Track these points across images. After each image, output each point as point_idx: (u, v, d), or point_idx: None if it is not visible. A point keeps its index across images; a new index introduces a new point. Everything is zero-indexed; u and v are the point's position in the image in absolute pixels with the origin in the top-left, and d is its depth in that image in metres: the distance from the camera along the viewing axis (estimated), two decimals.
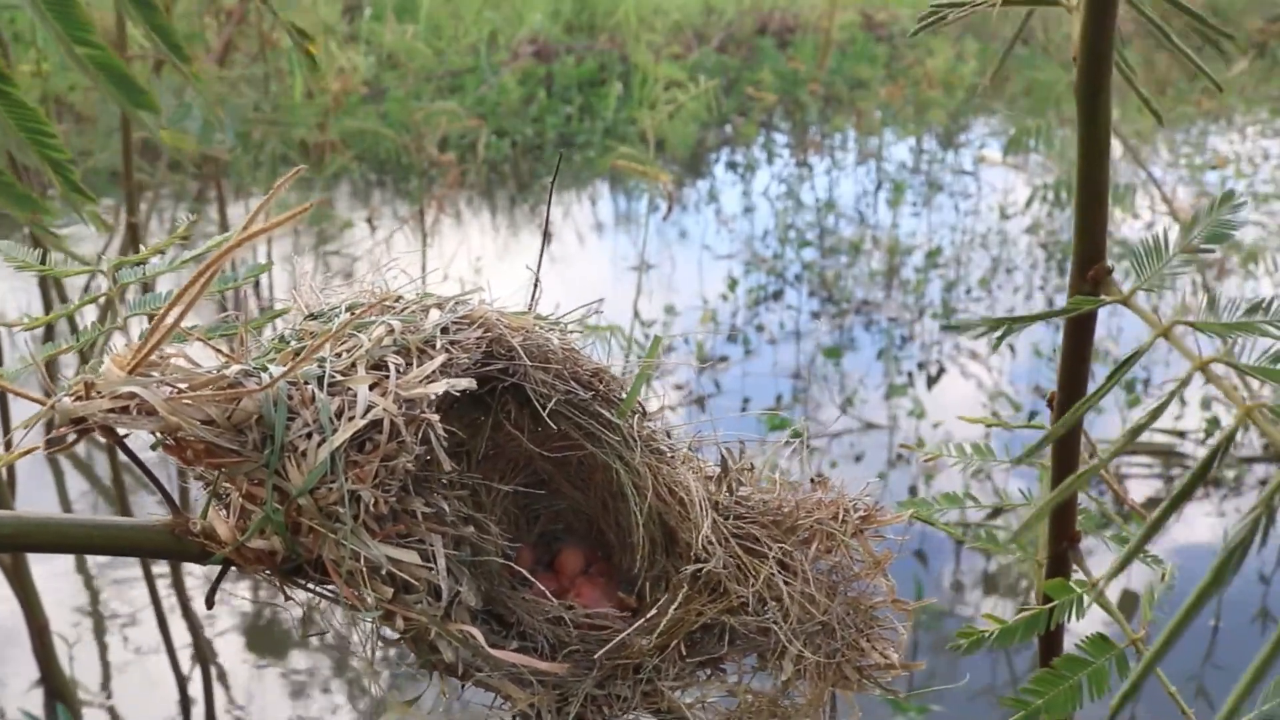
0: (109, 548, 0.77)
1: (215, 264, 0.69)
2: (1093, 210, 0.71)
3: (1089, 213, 0.71)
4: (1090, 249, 0.71)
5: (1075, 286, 0.73)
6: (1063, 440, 0.81)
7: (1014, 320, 0.67)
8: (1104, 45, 0.66)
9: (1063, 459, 0.82)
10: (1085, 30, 0.66)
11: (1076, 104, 0.69)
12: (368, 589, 0.74)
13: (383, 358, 0.78)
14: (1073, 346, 0.77)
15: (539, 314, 0.90)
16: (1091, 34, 0.66)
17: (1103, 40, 0.65)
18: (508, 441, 0.93)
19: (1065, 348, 0.78)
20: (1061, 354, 0.78)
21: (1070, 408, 0.70)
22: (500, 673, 0.78)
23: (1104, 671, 0.79)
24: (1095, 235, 0.71)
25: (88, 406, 0.70)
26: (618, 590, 0.93)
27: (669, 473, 0.87)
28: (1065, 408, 0.77)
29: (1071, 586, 0.84)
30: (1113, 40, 0.66)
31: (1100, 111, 0.68)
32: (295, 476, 0.73)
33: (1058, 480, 0.82)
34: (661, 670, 0.82)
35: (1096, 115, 0.68)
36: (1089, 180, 0.69)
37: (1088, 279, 0.72)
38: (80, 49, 0.63)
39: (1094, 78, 0.67)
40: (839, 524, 0.84)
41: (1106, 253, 0.71)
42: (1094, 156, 0.69)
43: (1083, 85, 0.68)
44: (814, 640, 0.82)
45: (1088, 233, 0.71)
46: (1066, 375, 0.78)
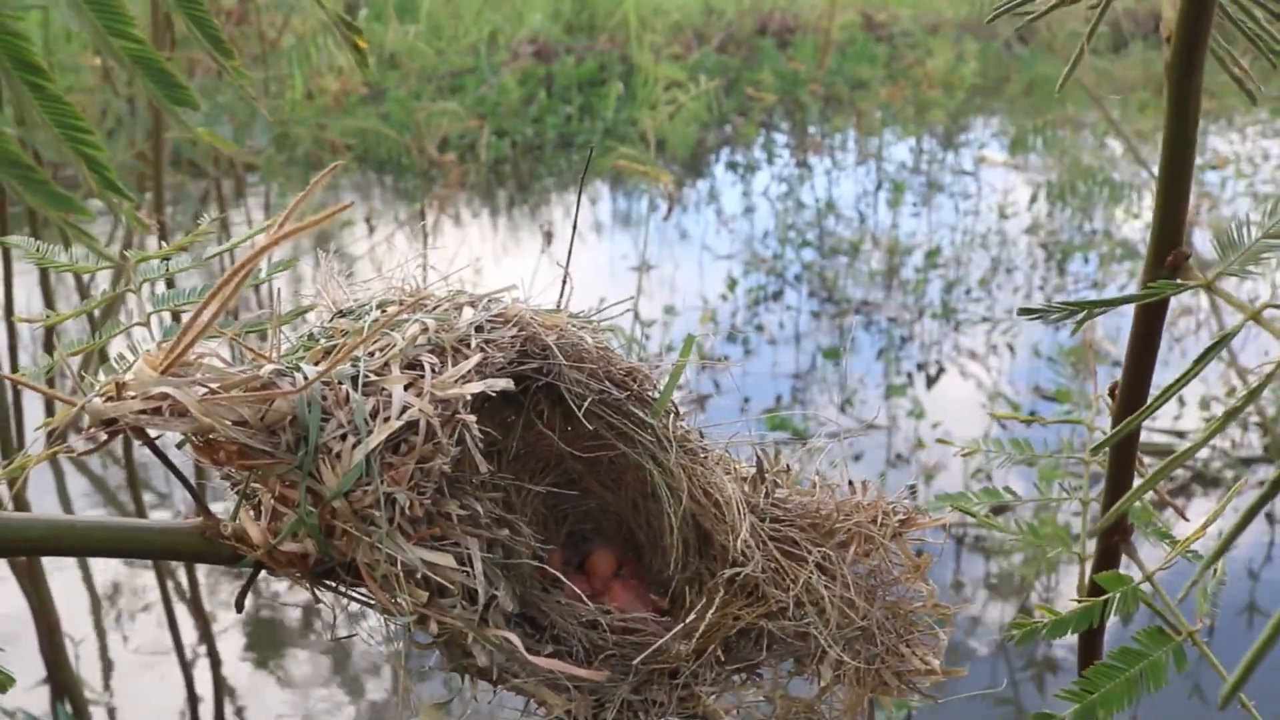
0: (139, 550, 0.75)
1: (250, 262, 0.68)
2: (1174, 196, 0.69)
3: (1170, 198, 0.69)
4: (1169, 234, 0.70)
5: (1152, 272, 0.71)
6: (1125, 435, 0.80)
7: (1093, 304, 0.65)
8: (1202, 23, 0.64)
9: (1122, 450, 0.80)
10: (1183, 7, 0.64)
11: (1167, 86, 0.67)
12: (403, 593, 0.73)
13: (417, 357, 0.77)
14: (1141, 335, 0.75)
15: (571, 312, 0.88)
16: (1189, 11, 0.64)
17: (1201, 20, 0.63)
18: (538, 440, 0.92)
19: (1134, 334, 0.76)
20: (1130, 341, 0.77)
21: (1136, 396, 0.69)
22: (536, 678, 0.77)
23: (1161, 664, 0.77)
24: (1175, 221, 0.69)
25: (119, 407, 0.68)
26: (650, 592, 0.92)
27: (704, 474, 0.85)
28: (1129, 396, 0.75)
29: (1125, 578, 0.83)
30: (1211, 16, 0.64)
31: (1193, 95, 0.66)
32: (330, 479, 0.71)
33: (1116, 472, 0.80)
34: (698, 675, 0.81)
35: (1188, 99, 0.66)
36: (1173, 165, 0.67)
37: (1166, 265, 0.70)
38: (118, 42, 0.61)
39: (1188, 58, 0.65)
40: (878, 527, 0.83)
41: (1183, 240, 0.70)
42: (1181, 140, 0.67)
43: (1176, 67, 0.66)
44: (853, 645, 0.81)
45: (1167, 218, 0.70)
46: (1133, 363, 0.76)
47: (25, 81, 0.64)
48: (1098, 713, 0.76)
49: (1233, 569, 3.64)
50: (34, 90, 0.62)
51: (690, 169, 8.38)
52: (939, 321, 5.60)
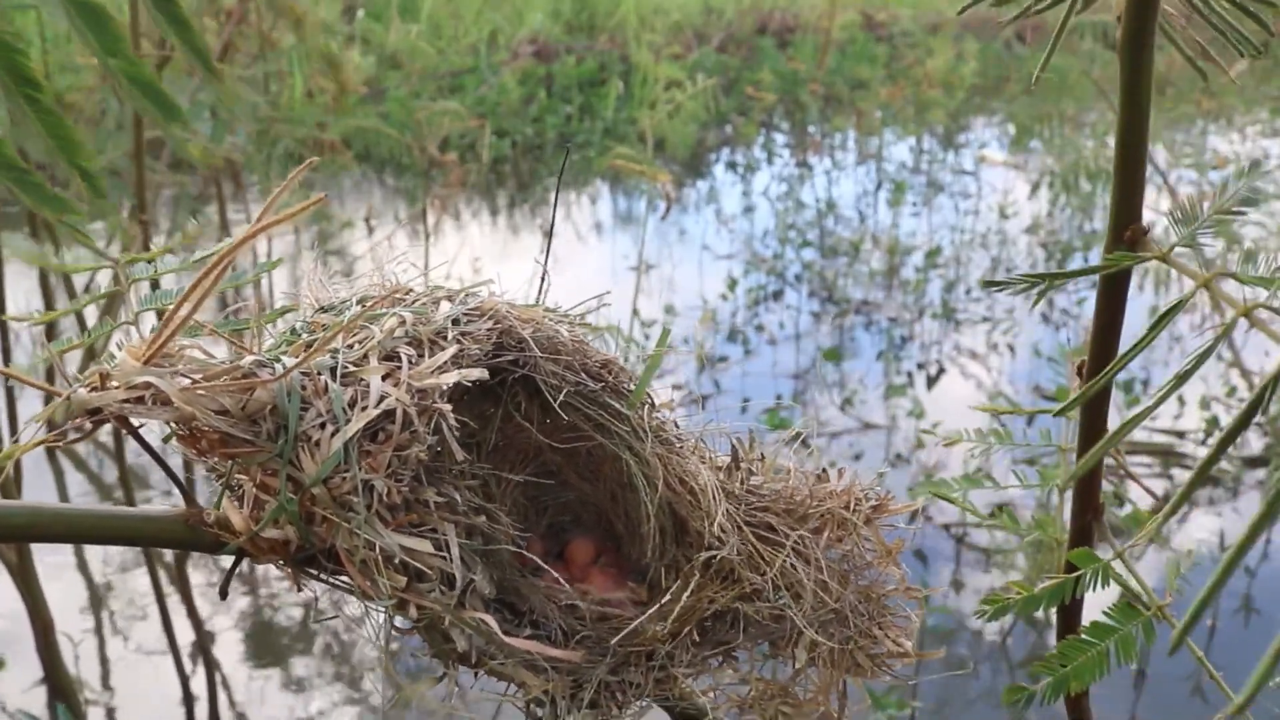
0: (123, 538, 0.77)
1: (228, 257, 0.70)
2: (1131, 171, 0.70)
3: (1127, 174, 0.71)
4: (1127, 210, 0.71)
5: (1112, 246, 0.73)
6: (1091, 406, 0.81)
7: (1053, 276, 0.67)
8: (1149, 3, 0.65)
9: (1091, 425, 0.82)
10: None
11: (1119, 60, 0.68)
12: (382, 578, 0.75)
13: (395, 348, 0.78)
14: (1106, 305, 0.77)
15: (548, 306, 0.90)
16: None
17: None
18: (517, 433, 0.93)
19: (1099, 306, 0.78)
20: (1095, 312, 0.78)
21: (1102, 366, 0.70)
22: (514, 660, 0.79)
23: (1131, 638, 0.79)
24: (1132, 196, 0.71)
25: (103, 397, 0.70)
26: (628, 581, 0.93)
27: (679, 463, 0.87)
28: (1097, 366, 0.77)
29: (1096, 555, 0.84)
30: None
31: (1143, 68, 0.68)
32: (309, 466, 0.73)
33: (1086, 444, 0.82)
34: (674, 657, 0.83)
35: (1139, 74, 0.68)
36: (1128, 140, 0.69)
37: (1125, 240, 0.72)
38: (113, 61, 0.63)
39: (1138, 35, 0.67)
40: (851, 513, 0.84)
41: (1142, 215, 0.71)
42: (1134, 116, 0.68)
43: (1127, 43, 0.68)
44: (827, 628, 0.83)
45: (1125, 194, 0.71)
46: (1098, 338, 0.78)
47: (22, 94, 0.66)
48: (1070, 685, 0.78)
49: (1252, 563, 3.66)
50: (30, 104, 0.64)
51: (690, 169, 8.40)
52: (939, 321, 5.61)
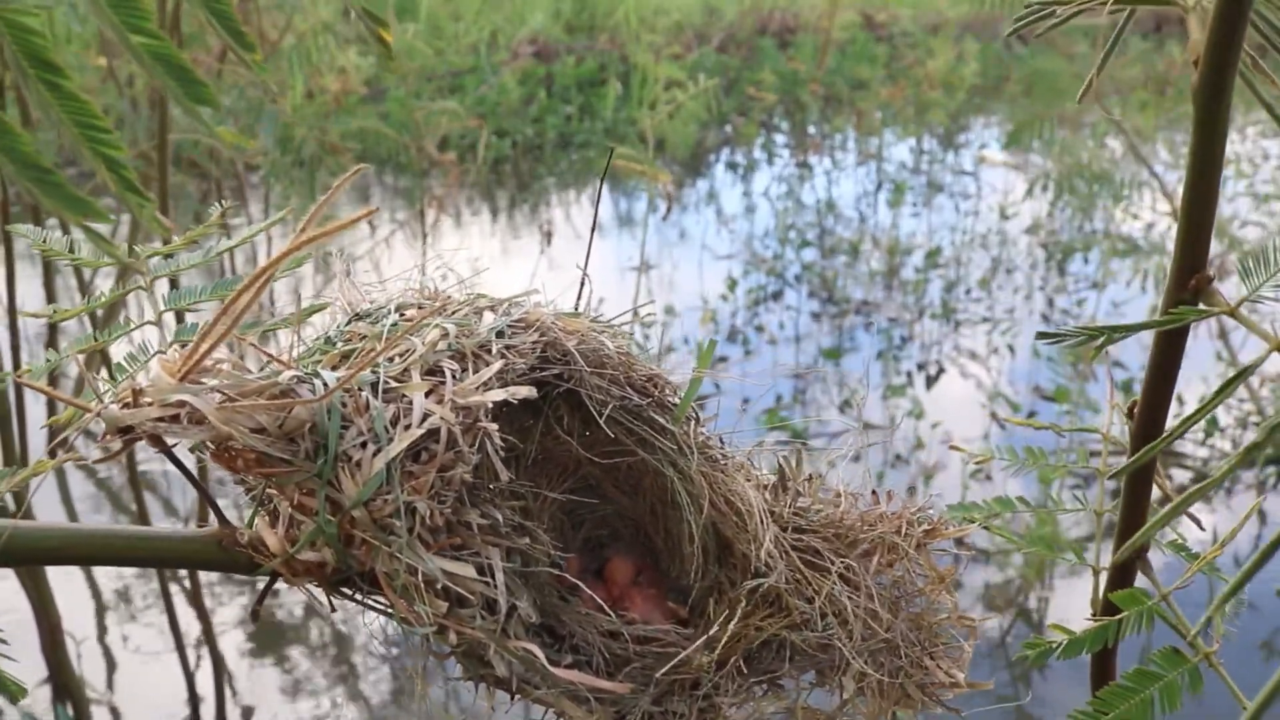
0: (157, 559, 0.74)
1: (271, 268, 0.67)
2: (1199, 219, 0.68)
3: (1194, 221, 0.68)
4: (1193, 257, 0.69)
5: (1174, 296, 0.70)
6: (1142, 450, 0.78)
7: (1113, 329, 0.64)
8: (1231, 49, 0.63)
9: (1140, 472, 0.79)
10: (1213, 32, 0.63)
11: (1194, 109, 0.66)
12: (423, 603, 0.72)
13: (437, 363, 0.75)
14: (1163, 357, 0.74)
15: (592, 316, 0.87)
16: (1218, 36, 0.63)
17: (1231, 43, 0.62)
18: (556, 446, 0.90)
19: (1154, 359, 0.75)
20: (1149, 365, 0.76)
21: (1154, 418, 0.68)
22: (557, 690, 0.76)
23: (1176, 686, 0.76)
24: (1199, 244, 0.68)
25: (136, 415, 0.67)
26: (668, 599, 0.90)
27: (725, 481, 0.84)
28: (1148, 417, 0.74)
29: (1140, 597, 0.82)
30: (1241, 42, 0.63)
31: (1220, 119, 0.65)
32: (349, 487, 0.70)
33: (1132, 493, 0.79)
34: (720, 687, 0.80)
35: (1215, 123, 0.65)
36: (1199, 188, 0.66)
37: (1188, 288, 0.69)
38: (136, 38, 0.60)
39: (1217, 82, 0.64)
40: (902, 537, 0.82)
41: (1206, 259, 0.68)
42: (1208, 163, 0.66)
43: (1203, 90, 0.65)
44: (877, 658, 0.80)
45: (1191, 241, 0.68)
46: (1152, 386, 0.75)
47: (42, 79, 0.62)
48: None
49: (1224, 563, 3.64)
50: (51, 89, 0.61)
51: (690, 169, 8.37)
52: (939, 321, 5.59)
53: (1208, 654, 0.79)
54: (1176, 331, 0.73)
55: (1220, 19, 0.61)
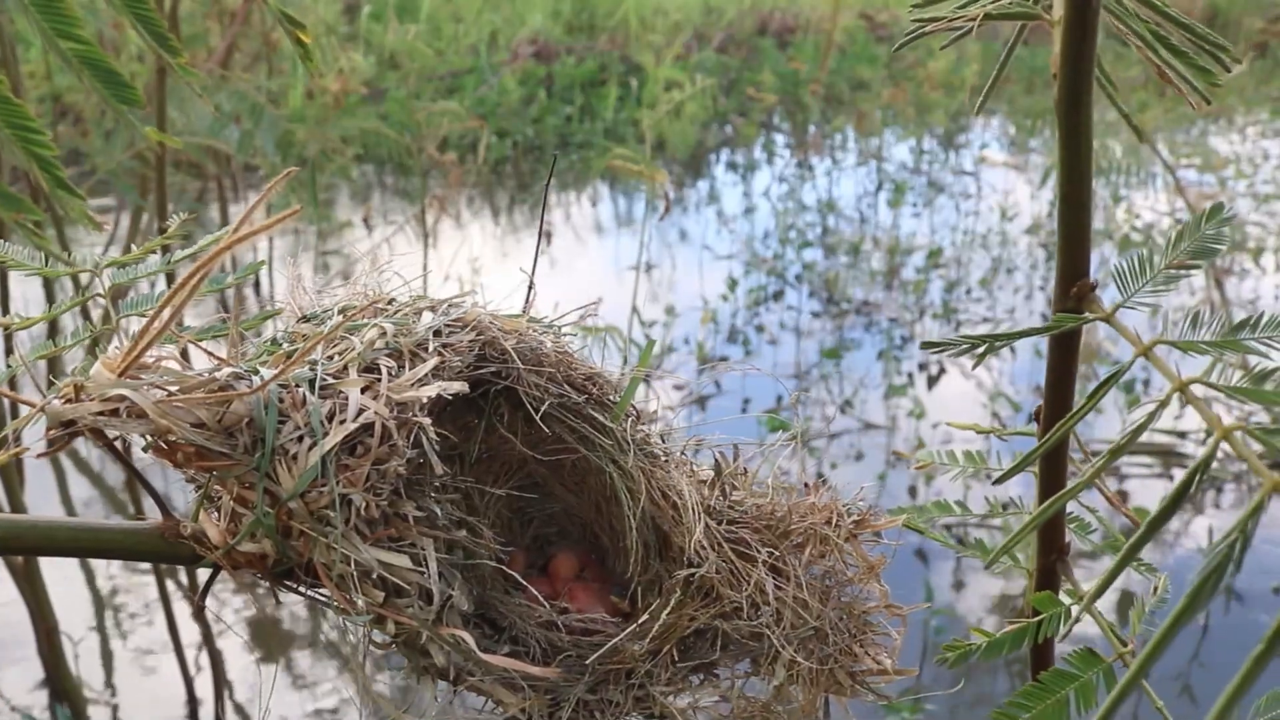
0: (98, 550, 0.76)
1: (205, 265, 0.69)
2: (1075, 226, 0.70)
3: (1071, 229, 0.70)
4: (1074, 265, 0.71)
5: (1060, 303, 0.72)
6: (1050, 455, 0.80)
7: (994, 338, 0.66)
8: (1085, 60, 0.65)
9: (1050, 473, 0.81)
10: (1065, 45, 0.65)
11: (1057, 120, 0.68)
12: (359, 593, 0.74)
13: (375, 360, 0.78)
14: (1058, 362, 0.77)
15: (533, 316, 0.89)
16: (1072, 49, 0.65)
17: (1083, 55, 0.64)
18: (501, 445, 0.93)
19: (1050, 363, 0.77)
20: (1047, 369, 0.78)
21: (1056, 421, 0.70)
22: (492, 677, 0.78)
23: (1091, 686, 0.78)
24: (1078, 251, 0.70)
25: (77, 409, 0.70)
26: (610, 595, 0.93)
27: (662, 476, 0.86)
28: (1051, 422, 0.76)
29: (1059, 600, 0.83)
30: (1094, 55, 0.65)
31: (1082, 127, 0.67)
32: (286, 480, 0.72)
33: (1045, 494, 0.82)
34: (654, 675, 0.82)
35: (1078, 131, 0.67)
36: (1071, 196, 0.68)
37: (1071, 295, 0.71)
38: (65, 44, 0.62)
39: (1075, 93, 0.66)
40: (832, 528, 0.84)
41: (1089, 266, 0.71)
42: (1075, 172, 0.68)
43: (1064, 100, 0.67)
44: (807, 645, 0.82)
45: (1071, 249, 0.70)
46: (1052, 390, 0.77)
47: None
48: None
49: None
50: None
51: (690, 169, 8.39)
52: (940, 322, 5.60)
53: (1123, 654, 0.81)
54: (1067, 338, 0.76)
55: (1070, 32, 0.64)
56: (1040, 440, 0.73)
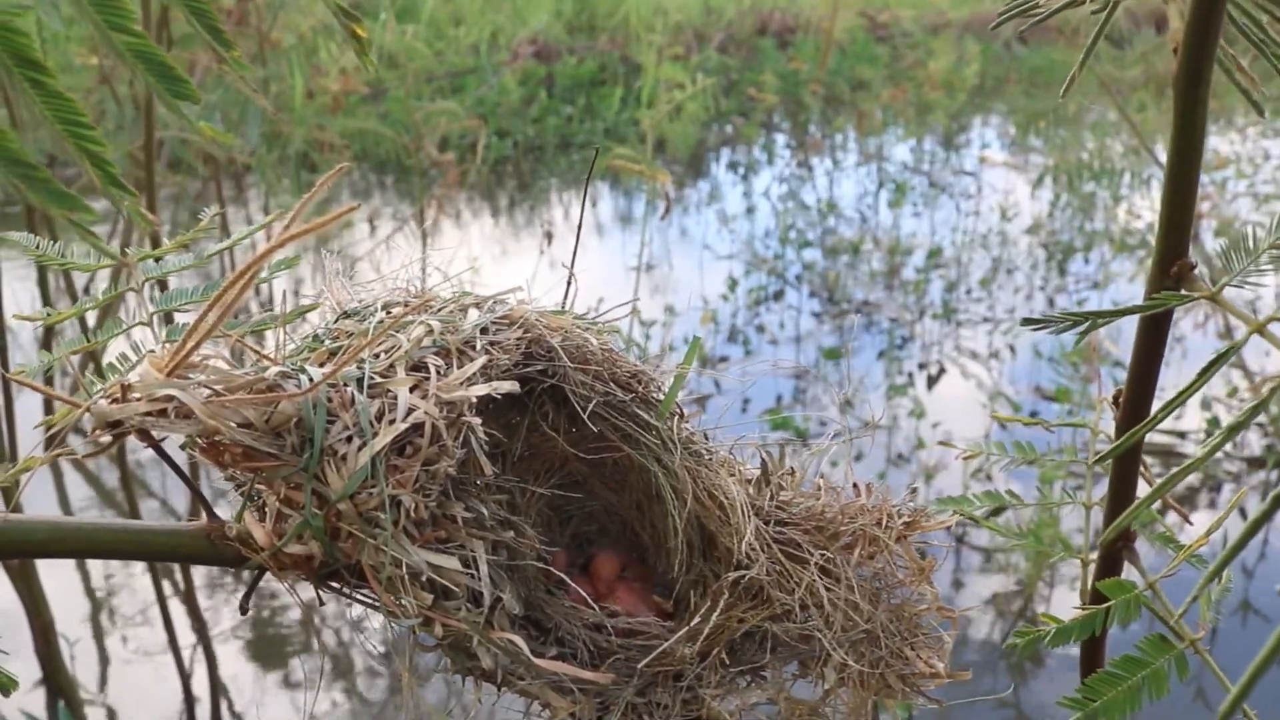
0: (145, 553, 0.75)
1: (256, 264, 0.68)
2: (1179, 206, 0.69)
3: (1175, 209, 0.69)
4: (1174, 245, 0.70)
5: (1157, 282, 0.71)
6: None
7: (1096, 314, 0.65)
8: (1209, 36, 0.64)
9: (1126, 459, 0.80)
10: (1191, 20, 0.64)
11: (1174, 97, 0.67)
12: (408, 595, 0.73)
13: (422, 359, 0.76)
14: (1146, 344, 0.75)
15: (577, 314, 0.88)
16: (1197, 24, 0.64)
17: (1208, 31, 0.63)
18: (543, 442, 0.91)
19: (1138, 345, 0.76)
20: (1134, 352, 0.77)
21: (1139, 406, 0.68)
22: (541, 680, 0.77)
23: (1163, 673, 0.77)
24: (1180, 230, 0.69)
25: (124, 409, 0.68)
26: (653, 594, 0.91)
27: (708, 476, 0.85)
28: (1133, 404, 0.75)
29: (1126, 585, 0.82)
30: (1219, 30, 0.64)
31: (1199, 106, 0.66)
32: (335, 481, 0.71)
33: (1119, 482, 0.80)
34: (703, 678, 0.81)
35: (1194, 110, 0.66)
36: (1179, 176, 0.67)
37: (1170, 275, 0.70)
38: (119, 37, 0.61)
39: (1195, 70, 0.65)
40: (882, 529, 0.83)
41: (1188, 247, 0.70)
42: (1187, 151, 0.67)
43: (1183, 78, 0.66)
44: (858, 648, 0.81)
45: (1172, 229, 0.69)
46: (1137, 372, 0.76)
47: (26, 78, 0.63)
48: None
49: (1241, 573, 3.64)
50: (35, 86, 0.62)
51: (691, 169, 8.38)
52: (940, 321, 5.60)
53: (1193, 640, 0.80)
54: (1159, 319, 0.74)
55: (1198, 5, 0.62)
56: (1121, 422, 0.71)
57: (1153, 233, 6.23)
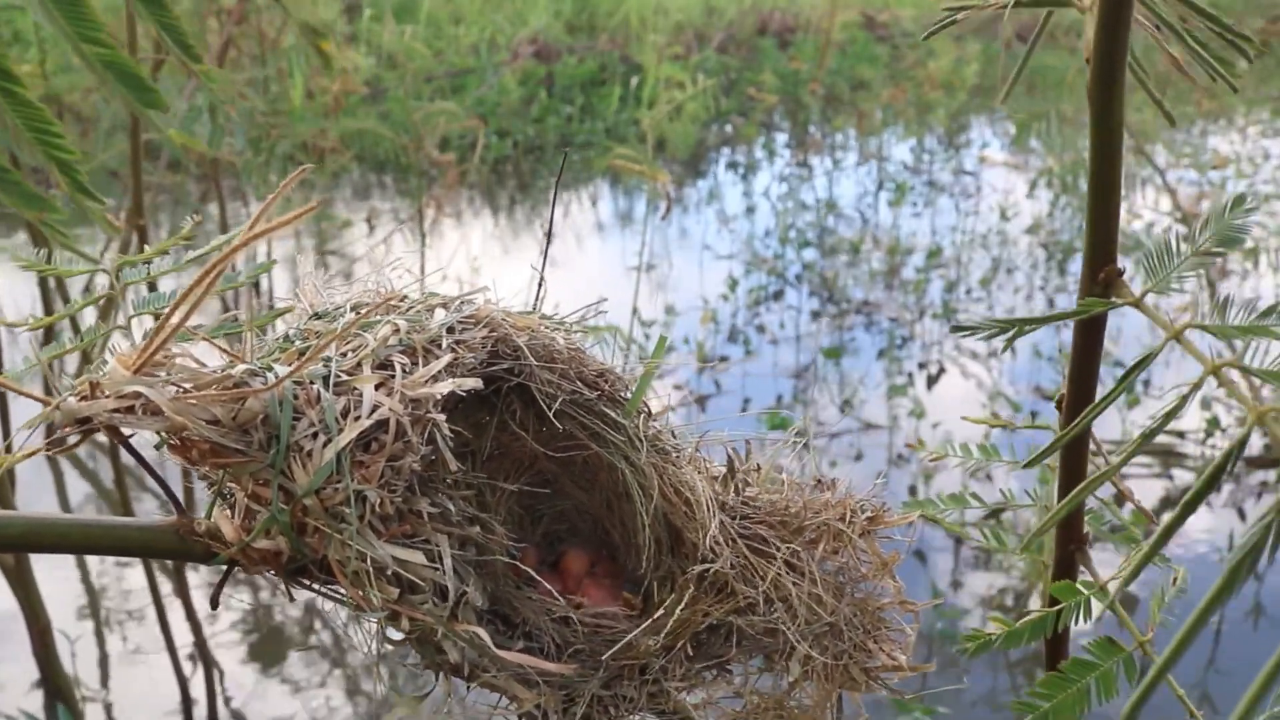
0: (113, 548, 0.76)
1: (221, 263, 0.69)
2: (1104, 211, 0.70)
3: (1100, 214, 0.70)
4: (1101, 250, 0.71)
5: (1086, 288, 0.72)
6: (1071, 443, 0.80)
7: (1023, 322, 0.66)
8: (1118, 44, 0.65)
9: (1071, 462, 0.81)
10: (1099, 28, 0.65)
11: (1089, 104, 0.68)
12: (373, 589, 0.74)
13: (388, 357, 0.78)
14: (1083, 348, 0.77)
15: (544, 313, 0.89)
16: (1105, 32, 0.65)
17: (1117, 39, 0.65)
18: (512, 441, 0.93)
19: (1075, 349, 0.77)
20: (1071, 355, 0.78)
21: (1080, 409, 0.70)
22: (506, 673, 0.78)
23: (1112, 675, 0.78)
24: (1106, 236, 0.70)
25: (93, 406, 0.70)
26: (623, 591, 0.93)
27: (674, 473, 0.86)
28: (1075, 409, 0.76)
29: (1079, 589, 0.84)
30: (1127, 39, 0.65)
31: (1113, 111, 0.68)
32: (301, 477, 0.72)
33: (1066, 483, 0.82)
34: (668, 671, 0.82)
35: (1110, 115, 0.68)
36: (1101, 181, 0.69)
37: (1098, 281, 0.71)
38: (89, 47, 0.62)
39: (1107, 77, 0.67)
40: (846, 524, 0.84)
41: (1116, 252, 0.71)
42: (1106, 157, 0.68)
43: (1096, 84, 0.67)
44: (821, 641, 0.82)
45: (1098, 234, 0.71)
46: (1076, 377, 0.77)
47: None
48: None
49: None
50: (6, 95, 0.63)
51: (691, 169, 8.39)
52: (940, 321, 5.60)
53: (1143, 641, 0.81)
54: (1093, 323, 0.76)
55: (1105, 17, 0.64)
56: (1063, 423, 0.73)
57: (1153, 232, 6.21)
